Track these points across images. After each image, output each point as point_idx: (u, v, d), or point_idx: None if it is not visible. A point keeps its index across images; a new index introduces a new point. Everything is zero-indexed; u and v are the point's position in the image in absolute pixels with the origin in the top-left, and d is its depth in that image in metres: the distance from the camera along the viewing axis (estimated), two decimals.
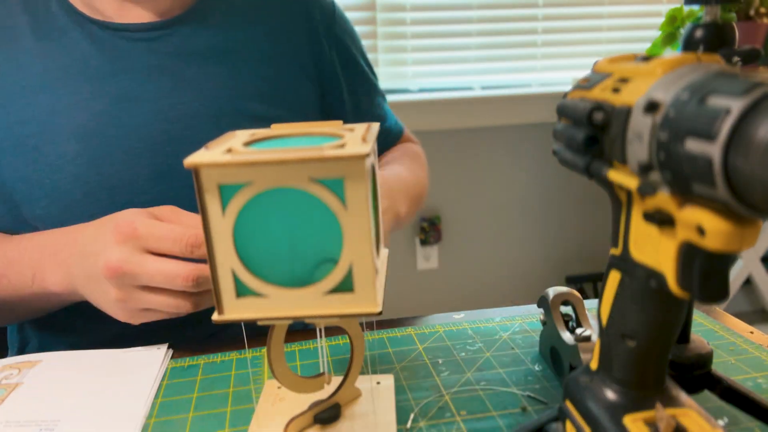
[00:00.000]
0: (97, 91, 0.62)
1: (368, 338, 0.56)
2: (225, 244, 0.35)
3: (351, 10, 1.60)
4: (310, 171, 0.33)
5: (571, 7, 1.72)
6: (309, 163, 0.33)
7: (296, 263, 0.35)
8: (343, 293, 0.35)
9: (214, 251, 0.35)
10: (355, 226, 0.34)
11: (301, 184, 0.33)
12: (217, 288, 0.36)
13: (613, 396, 0.34)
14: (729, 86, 0.23)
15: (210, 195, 0.34)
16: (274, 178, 0.33)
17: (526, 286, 1.90)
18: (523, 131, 1.76)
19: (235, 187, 0.34)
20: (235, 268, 0.36)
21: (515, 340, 0.55)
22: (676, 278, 0.28)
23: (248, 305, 0.36)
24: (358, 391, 0.46)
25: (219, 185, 0.34)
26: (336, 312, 0.36)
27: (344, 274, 0.35)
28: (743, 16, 1.32)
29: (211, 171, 0.34)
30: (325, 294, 0.36)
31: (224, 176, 0.34)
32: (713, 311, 0.60)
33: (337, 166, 0.33)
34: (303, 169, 0.33)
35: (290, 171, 0.33)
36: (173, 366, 0.53)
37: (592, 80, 0.33)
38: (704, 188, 0.24)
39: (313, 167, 0.33)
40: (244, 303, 0.36)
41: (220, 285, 0.36)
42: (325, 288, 0.35)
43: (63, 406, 0.46)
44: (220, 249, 0.35)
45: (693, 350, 0.44)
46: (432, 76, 1.69)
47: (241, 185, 0.34)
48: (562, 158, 0.34)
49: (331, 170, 0.33)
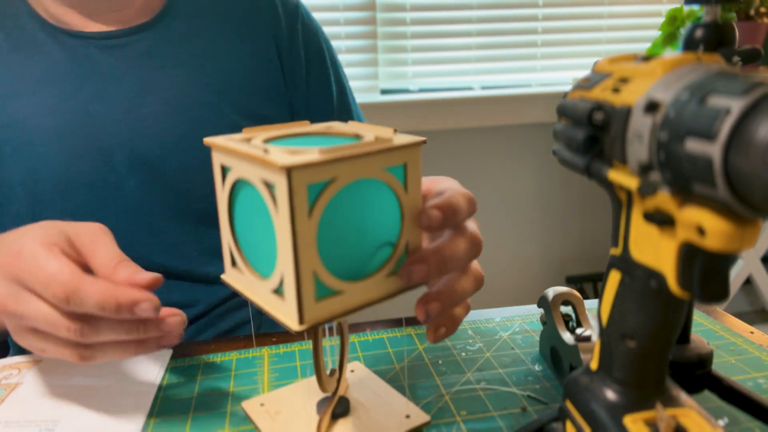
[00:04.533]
0: (71, 93, 0.65)
1: (368, 338, 0.56)
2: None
3: (351, 10, 1.60)
4: (382, 161, 0.36)
5: (571, 7, 1.72)
6: (382, 153, 0.36)
7: (363, 253, 0.37)
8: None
9: (299, 257, 0.33)
10: (412, 207, 0.38)
11: (376, 174, 0.36)
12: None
13: (614, 396, 0.34)
14: (729, 86, 0.23)
15: (299, 197, 0.33)
16: (355, 171, 0.35)
17: (526, 286, 1.90)
18: (523, 131, 1.76)
19: (319, 186, 0.33)
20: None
21: (515, 340, 0.55)
22: (677, 278, 0.28)
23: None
24: (346, 381, 0.46)
25: (307, 185, 0.33)
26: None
27: (401, 254, 0.38)
28: (743, 16, 1.32)
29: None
30: (387, 276, 0.38)
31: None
32: (713, 311, 0.60)
33: (402, 153, 0.36)
34: (378, 159, 0.35)
35: (368, 163, 0.35)
36: (173, 366, 0.53)
37: (592, 80, 0.33)
38: (704, 188, 0.24)
39: (385, 157, 0.36)
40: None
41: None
42: (388, 270, 0.38)
43: (63, 406, 0.46)
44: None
45: (693, 350, 0.44)
46: (432, 76, 1.69)
47: (326, 182, 0.34)
48: (562, 158, 0.34)
49: (398, 158, 0.36)
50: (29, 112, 0.64)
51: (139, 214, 0.67)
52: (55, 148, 0.64)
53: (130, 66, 0.67)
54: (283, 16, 0.76)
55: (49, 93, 0.65)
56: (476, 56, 1.70)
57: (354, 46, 1.60)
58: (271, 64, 0.75)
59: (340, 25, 1.58)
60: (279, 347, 0.56)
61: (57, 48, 0.66)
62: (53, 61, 0.66)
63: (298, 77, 0.77)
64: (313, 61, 0.78)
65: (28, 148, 0.63)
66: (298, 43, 0.77)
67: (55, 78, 0.65)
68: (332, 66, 0.81)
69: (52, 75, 0.65)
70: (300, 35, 0.77)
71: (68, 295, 0.39)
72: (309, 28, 0.79)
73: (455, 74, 1.70)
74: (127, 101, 0.66)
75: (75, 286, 0.39)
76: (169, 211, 0.68)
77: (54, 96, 0.65)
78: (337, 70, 0.82)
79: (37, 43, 0.66)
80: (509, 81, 1.74)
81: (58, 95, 0.65)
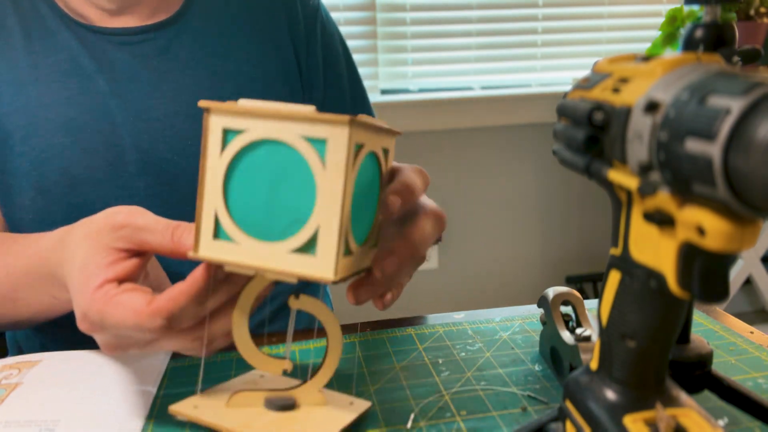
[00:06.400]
0: (85, 87, 0.64)
1: (368, 338, 0.56)
2: (215, 185, 0.39)
3: (351, 10, 1.60)
4: (300, 128, 0.36)
5: (571, 7, 1.72)
6: (301, 120, 0.36)
7: (271, 217, 0.38)
8: (304, 254, 0.37)
9: (204, 190, 0.39)
10: (329, 189, 0.36)
11: (290, 139, 0.37)
12: (198, 226, 0.39)
13: (613, 396, 0.34)
14: (729, 86, 0.23)
15: (213, 136, 0.38)
16: (269, 129, 0.37)
17: (526, 286, 1.90)
18: (523, 131, 1.76)
19: (236, 133, 0.38)
20: (218, 210, 0.39)
21: (515, 340, 0.55)
22: (676, 278, 0.28)
23: (221, 248, 0.39)
24: (322, 398, 0.44)
25: (223, 129, 0.38)
26: (293, 271, 0.38)
27: (310, 236, 0.37)
28: (743, 16, 1.32)
29: (219, 114, 0.38)
30: (290, 252, 0.38)
31: (229, 121, 0.38)
32: (713, 311, 0.60)
33: (324, 127, 0.36)
34: (295, 125, 0.36)
35: (284, 125, 0.37)
36: (173, 366, 0.53)
37: (592, 80, 0.33)
38: (704, 188, 0.24)
39: (304, 125, 0.36)
40: (218, 245, 0.39)
41: (201, 223, 0.39)
42: (290, 246, 0.38)
43: (63, 406, 0.46)
44: (209, 188, 0.39)
45: (693, 350, 0.43)
46: (432, 76, 1.69)
47: (241, 131, 0.37)
48: (562, 158, 0.34)
49: (319, 131, 0.36)
50: (41, 101, 0.63)
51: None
52: (64, 140, 0.63)
53: (146, 64, 0.67)
54: (302, 18, 0.75)
55: (63, 85, 0.64)
56: (476, 56, 1.70)
57: (354, 46, 1.60)
58: (289, 66, 0.74)
59: (340, 25, 1.57)
60: (279, 347, 0.56)
61: (74, 41, 0.65)
62: (69, 53, 0.65)
63: (315, 80, 0.76)
64: (330, 64, 0.78)
65: (37, 138, 0.63)
66: (317, 45, 0.76)
67: (69, 70, 0.64)
68: (348, 69, 0.80)
69: (66, 67, 0.64)
70: (319, 38, 0.76)
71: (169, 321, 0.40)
72: (328, 31, 0.78)
73: (455, 74, 1.70)
74: (140, 100, 0.66)
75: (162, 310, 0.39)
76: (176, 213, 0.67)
77: (67, 88, 0.64)
78: (353, 74, 0.81)
79: (54, 34, 0.65)
80: (509, 81, 1.74)
81: (72, 88, 0.64)
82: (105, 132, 0.64)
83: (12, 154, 0.63)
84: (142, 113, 0.65)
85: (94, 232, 0.44)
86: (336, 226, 0.36)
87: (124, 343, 0.44)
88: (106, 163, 0.64)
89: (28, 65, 0.64)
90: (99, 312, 0.41)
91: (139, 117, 0.65)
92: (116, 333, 0.42)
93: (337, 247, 0.37)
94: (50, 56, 0.64)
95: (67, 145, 0.63)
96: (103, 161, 0.64)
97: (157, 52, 0.67)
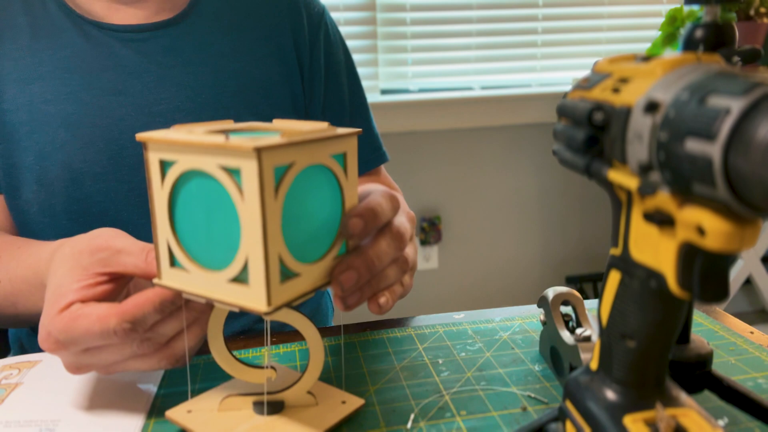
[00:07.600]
0: (87, 83, 0.65)
1: (368, 338, 0.56)
2: (162, 215, 0.39)
3: (351, 10, 1.60)
4: (216, 159, 0.35)
5: (571, 7, 1.72)
6: (215, 150, 0.35)
7: (212, 246, 0.38)
8: (240, 284, 0.37)
9: (155, 220, 0.39)
10: (249, 218, 0.35)
11: (210, 169, 0.36)
12: (157, 254, 0.40)
13: (613, 396, 0.34)
14: (729, 86, 0.23)
15: (153, 167, 0.38)
16: (193, 160, 0.36)
17: (526, 286, 1.90)
18: (523, 131, 1.76)
19: (170, 164, 0.38)
20: (169, 239, 0.39)
21: (515, 340, 0.55)
22: (676, 278, 0.28)
23: (177, 276, 0.39)
24: (311, 399, 0.44)
25: (160, 160, 0.38)
26: (229, 301, 0.37)
27: (242, 266, 0.36)
28: (743, 16, 1.32)
29: (155, 146, 0.38)
30: (228, 282, 0.37)
31: (164, 152, 0.38)
32: (713, 311, 0.60)
33: (235, 155, 0.34)
34: (211, 155, 0.35)
35: (203, 156, 0.36)
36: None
37: (592, 80, 0.33)
38: (704, 188, 0.24)
39: (218, 155, 0.35)
40: (175, 274, 0.39)
41: (159, 252, 0.40)
42: (228, 276, 0.37)
43: (63, 406, 0.46)
44: (159, 218, 0.39)
45: (693, 350, 0.43)
46: (432, 76, 1.69)
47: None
48: (562, 158, 0.34)
49: (231, 160, 0.35)
50: (45, 97, 0.64)
51: (147, 209, 0.67)
52: (66, 135, 0.64)
53: (150, 61, 0.67)
54: (306, 23, 0.76)
55: (67, 80, 0.65)
56: (476, 56, 1.70)
57: (354, 46, 1.60)
58: (291, 70, 0.74)
59: (340, 26, 1.58)
60: (279, 347, 0.56)
61: (79, 37, 0.66)
62: (75, 49, 0.66)
63: (317, 86, 0.76)
64: (332, 72, 0.78)
65: (39, 133, 0.64)
66: (320, 52, 0.76)
67: (74, 66, 0.65)
68: (349, 78, 0.81)
69: (71, 63, 0.65)
70: (322, 44, 0.77)
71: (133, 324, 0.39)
72: (331, 39, 0.79)
73: (455, 74, 1.70)
74: (143, 97, 0.66)
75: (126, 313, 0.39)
76: None
77: (71, 84, 0.65)
78: (354, 82, 0.81)
79: (60, 30, 0.66)
80: (509, 81, 1.74)
81: (76, 84, 0.65)
82: (105, 128, 0.65)
83: (18, 149, 0.64)
84: (144, 108, 0.66)
85: (77, 252, 0.44)
86: (261, 256, 0.35)
87: (88, 362, 0.43)
88: (106, 157, 0.65)
89: (34, 63, 0.65)
90: (64, 329, 0.40)
91: (142, 112, 0.66)
92: (83, 348, 0.41)
93: (266, 278, 0.35)
94: (55, 53, 0.65)
95: (67, 139, 0.64)
96: (102, 156, 0.65)
97: (162, 49, 0.68)
